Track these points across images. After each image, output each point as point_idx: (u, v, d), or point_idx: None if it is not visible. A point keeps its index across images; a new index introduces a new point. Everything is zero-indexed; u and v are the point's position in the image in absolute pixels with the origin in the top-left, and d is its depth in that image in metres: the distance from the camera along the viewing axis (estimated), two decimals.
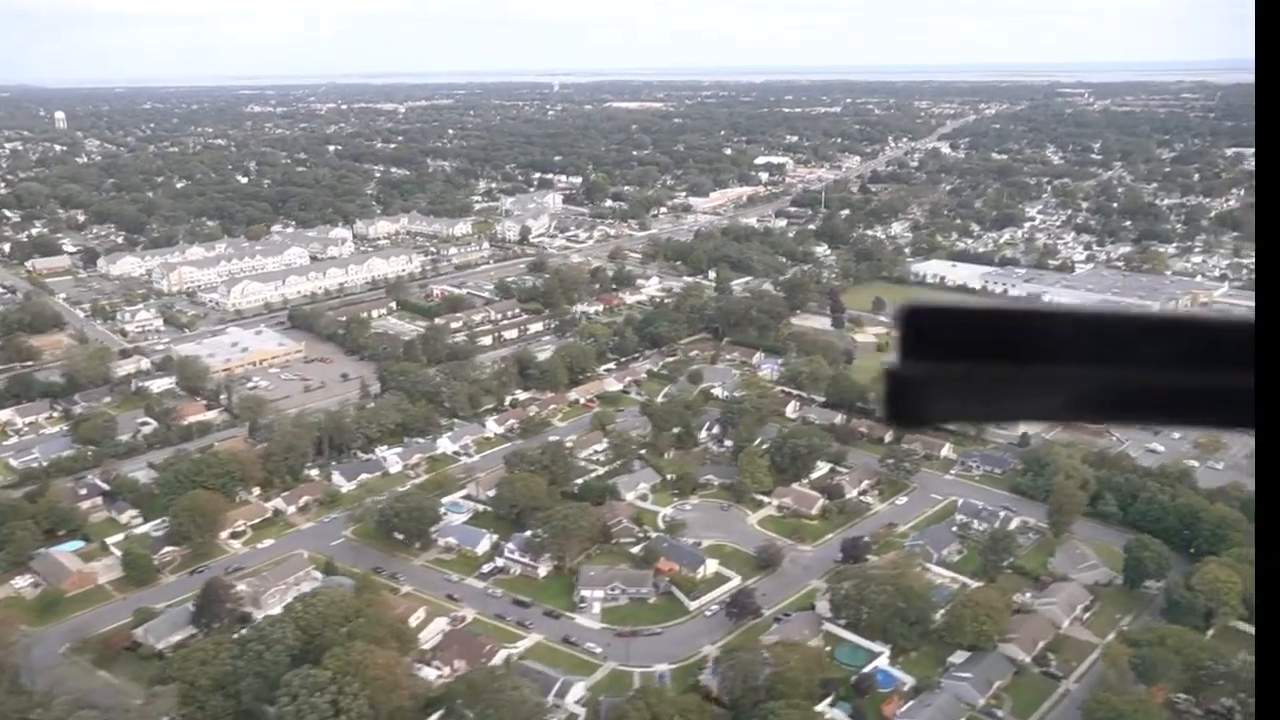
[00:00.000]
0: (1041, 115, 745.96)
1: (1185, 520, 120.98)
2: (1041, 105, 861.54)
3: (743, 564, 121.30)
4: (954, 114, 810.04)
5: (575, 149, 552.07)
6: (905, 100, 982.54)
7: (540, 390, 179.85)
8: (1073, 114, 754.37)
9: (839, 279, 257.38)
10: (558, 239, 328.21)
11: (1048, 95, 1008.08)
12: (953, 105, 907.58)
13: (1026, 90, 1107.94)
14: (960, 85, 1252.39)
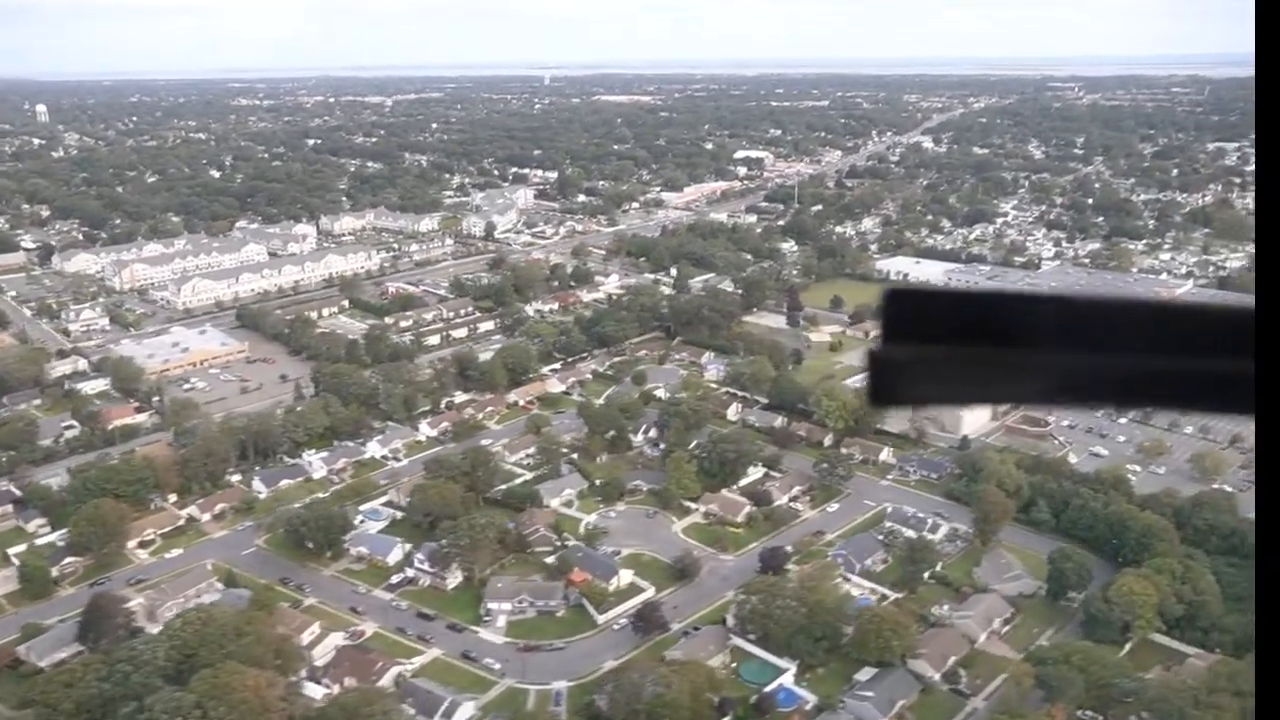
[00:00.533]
0: (1028, 110, 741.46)
1: (1114, 529, 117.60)
2: (1030, 99, 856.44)
3: (660, 574, 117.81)
4: (942, 108, 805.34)
5: (555, 143, 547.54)
6: (895, 94, 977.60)
7: (480, 392, 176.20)
8: (1060, 108, 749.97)
9: (800, 276, 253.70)
10: (523, 235, 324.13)
11: (1038, 89, 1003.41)
12: (942, 99, 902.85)
13: (1017, 84, 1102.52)
14: (951, 79, 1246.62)
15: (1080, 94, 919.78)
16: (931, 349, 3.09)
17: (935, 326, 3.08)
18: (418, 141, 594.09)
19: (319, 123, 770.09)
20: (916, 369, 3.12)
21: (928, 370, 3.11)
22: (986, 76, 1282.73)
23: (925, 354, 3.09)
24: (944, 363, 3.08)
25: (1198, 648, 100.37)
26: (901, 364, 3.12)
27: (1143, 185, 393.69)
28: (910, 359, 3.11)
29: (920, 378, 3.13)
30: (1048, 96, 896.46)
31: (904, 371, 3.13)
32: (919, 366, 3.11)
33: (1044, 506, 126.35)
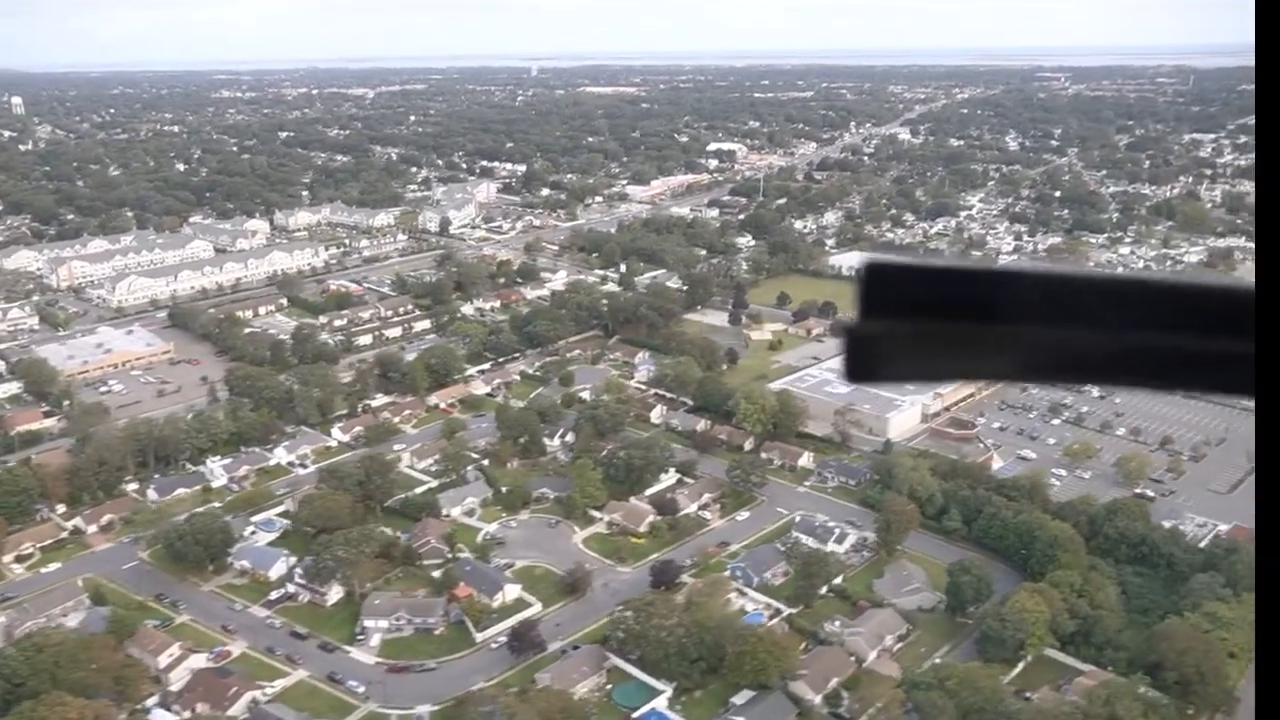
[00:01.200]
0: (1011, 100, 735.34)
1: (1022, 538, 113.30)
2: (1015, 90, 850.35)
3: (550, 588, 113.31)
4: (925, 99, 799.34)
5: (528, 136, 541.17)
6: (880, 85, 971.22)
7: (402, 394, 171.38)
8: (1044, 99, 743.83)
9: (752, 272, 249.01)
10: (479, 230, 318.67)
11: (1024, 80, 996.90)
12: (927, 90, 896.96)
13: (1005, 74, 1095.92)
14: (939, 69, 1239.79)
15: (1066, 84, 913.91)
16: (910, 324, 2.99)
17: (915, 300, 2.98)
18: (391, 134, 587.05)
19: (297, 115, 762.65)
20: (894, 344, 3.02)
21: (906, 345, 3.02)
22: (976, 67, 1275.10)
23: (903, 329, 3.00)
24: (923, 338, 2.99)
25: (1092, 664, 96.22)
26: (878, 339, 3.02)
27: (1113, 177, 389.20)
28: (888, 334, 3.01)
29: (898, 353, 3.03)
30: (1033, 87, 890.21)
31: (881, 347, 3.03)
32: (897, 342, 3.02)
33: (956, 514, 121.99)
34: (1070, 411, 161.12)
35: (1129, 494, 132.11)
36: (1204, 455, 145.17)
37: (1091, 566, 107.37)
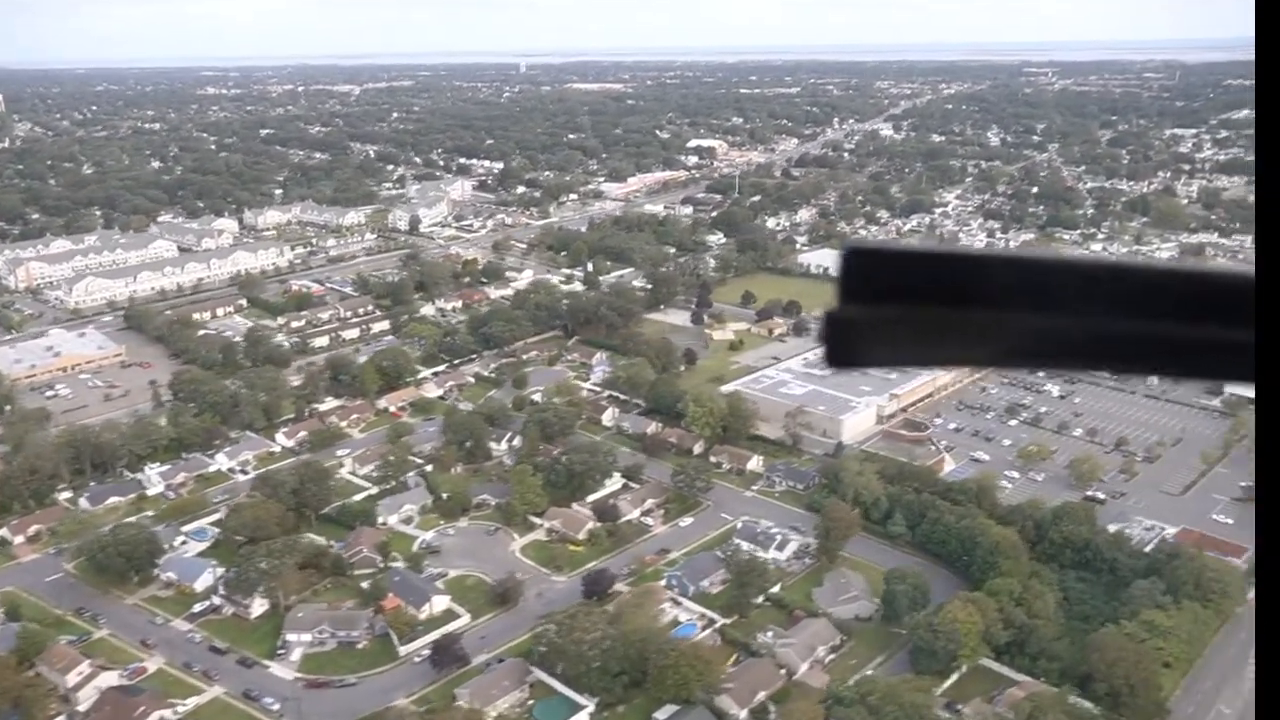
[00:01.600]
0: (997, 96, 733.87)
1: (965, 544, 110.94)
2: (1002, 85, 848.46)
3: (482, 598, 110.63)
4: (911, 94, 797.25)
5: (509, 133, 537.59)
6: (868, 81, 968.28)
7: (352, 398, 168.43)
8: (1029, 94, 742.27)
9: (720, 271, 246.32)
10: (449, 229, 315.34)
11: (1012, 75, 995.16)
12: (914, 85, 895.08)
13: (993, 70, 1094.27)
14: (928, 65, 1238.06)
15: (1052, 80, 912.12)
16: (890, 309, 2.99)
17: (895, 285, 2.98)
18: (371, 131, 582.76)
19: (280, 112, 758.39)
20: (874, 329, 3.02)
21: (886, 330, 3.02)
22: (965, 62, 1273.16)
23: (883, 314, 3.00)
24: (903, 323, 2.99)
25: (1026, 675, 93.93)
26: (858, 324, 3.03)
27: (1092, 173, 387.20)
28: (868, 319, 3.01)
29: (878, 338, 3.03)
30: (1020, 82, 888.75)
31: (861, 331, 3.03)
32: (877, 326, 3.02)
33: (900, 519, 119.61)
34: (1028, 412, 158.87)
35: (1080, 497, 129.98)
36: (1159, 456, 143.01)
37: (1033, 573, 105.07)
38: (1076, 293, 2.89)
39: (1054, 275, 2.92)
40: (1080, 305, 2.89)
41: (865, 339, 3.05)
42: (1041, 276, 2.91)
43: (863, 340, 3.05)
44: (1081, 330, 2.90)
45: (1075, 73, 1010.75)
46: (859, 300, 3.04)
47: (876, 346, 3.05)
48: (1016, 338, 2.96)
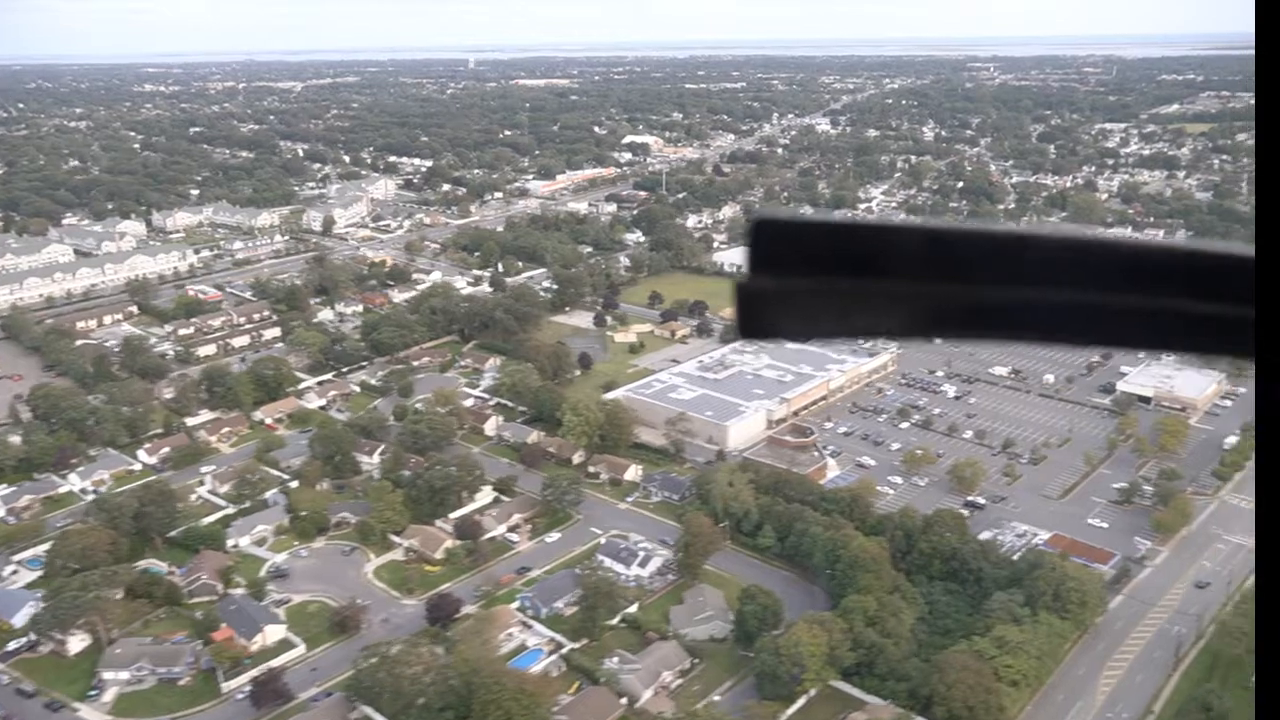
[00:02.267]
0: (937, 90, 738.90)
1: (828, 557, 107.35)
2: (944, 80, 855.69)
3: (322, 626, 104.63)
4: (855, 89, 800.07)
5: (444, 130, 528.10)
6: (814, 75, 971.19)
7: (228, 410, 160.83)
8: (970, 89, 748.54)
9: (630, 271, 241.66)
10: (365, 230, 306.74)
11: (955, 70, 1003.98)
12: (858, 80, 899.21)
13: (938, 65, 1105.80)
14: (875, 59, 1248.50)
15: (994, 74, 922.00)
16: (800, 280, 3.01)
17: (804, 256, 3.00)
18: (305, 129, 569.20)
19: (216, 109, 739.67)
20: (785, 300, 3.04)
21: (797, 301, 3.04)
22: (911, 57, 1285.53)
23: (794, 285, 3.02)
24: (815, 294, 3.02)
25: (876, 696, 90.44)
26: (769, 295, 3.04)
27: (1019, 167, 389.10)
28: (779, 290, 3.03)
29: (790, 309, 3.05)
30: (962, 77, 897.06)
31: (772, 302, 3.05)
32: (788, 298, 3.04)
33: (770, 532, 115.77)
34: (921, 414, 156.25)
35: (961, 503, 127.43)
36: (1044, 459, 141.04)
37: (895, 588, 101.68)
38: (982, 261, 2.91)
39: (959, 244, 2.94)
40: (986, 274, 2.91)
41: (776, 310, 3.05)
42: (948, 246, 2.94)
43: (774, 311, 3.05)
44: (988, 299, 2.92)
45: (1018, 68, 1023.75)
46: (769, 271, 3.03)
47: (788, 317, 3.06)
48: (925, 308, 2.97)
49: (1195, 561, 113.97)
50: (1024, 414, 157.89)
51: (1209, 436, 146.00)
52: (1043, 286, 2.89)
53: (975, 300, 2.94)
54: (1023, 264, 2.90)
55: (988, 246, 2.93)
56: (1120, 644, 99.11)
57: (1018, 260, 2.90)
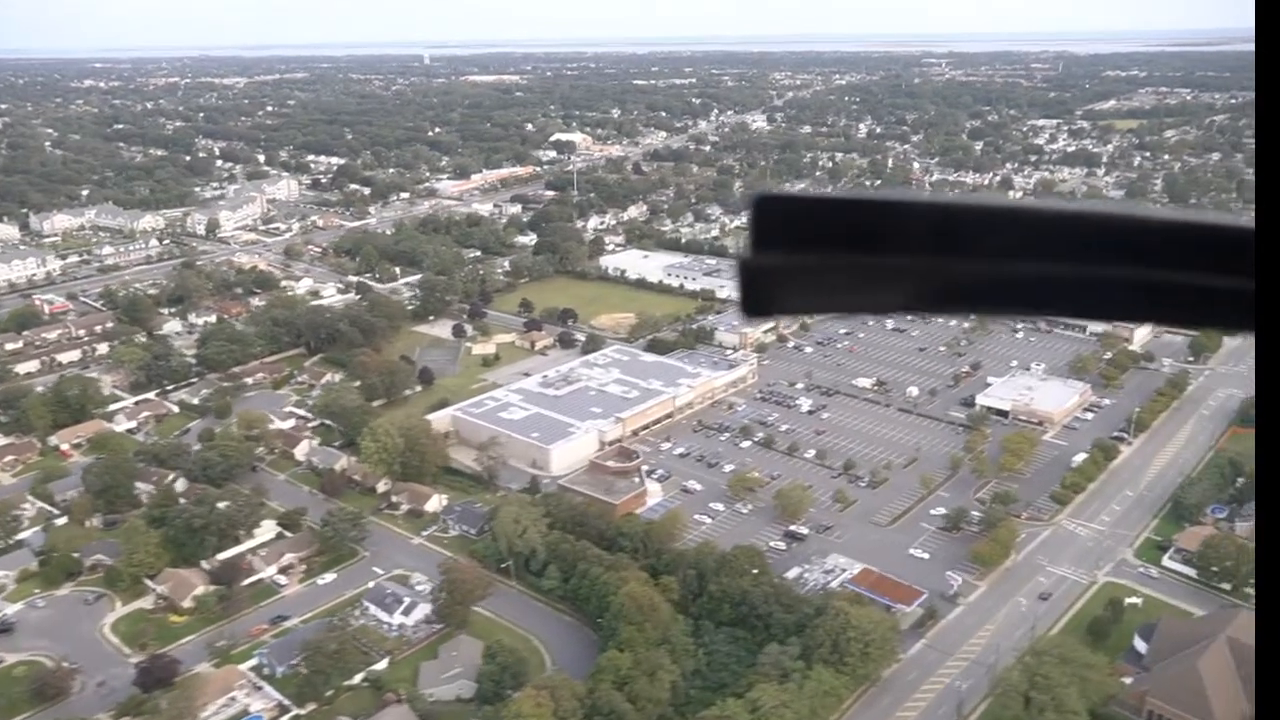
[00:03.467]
0: (883, 86, 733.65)
1: (602, 603, 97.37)
2: (894, 76, 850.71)
3: (25, 694, 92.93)
4: (802, 85, 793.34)
5: (373, 127, 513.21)
6: (766, 71, 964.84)
7: (23, 434, 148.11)
8: (917, 85, 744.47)
9: (509, 276, 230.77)
10: (251, 233, 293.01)
11: (908, 66, 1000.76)
12: (809, 76, 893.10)
13: (893, 60, 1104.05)
14: (833, 55, 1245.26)
15: (945, 70, 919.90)
16: (804, 256, 2.98)
17: (807, 232, 2.97)
18: (230, 127, 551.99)
19: (151, 105, 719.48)
20: (788, 277, 3.02)
21: (800, 278, 3.01)
22: (869, 53, 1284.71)
23: (797, 261, 2.99)
24: (818, 270, 3.00)
25: None
26: (772, 272, 3.01)
27: (943, 165, 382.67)
28: (783, 267, 3.00)
29: (793, 286, 3.03)
30: (913, 73, 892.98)
31: (775, 279, 3.02)
32: (791, 274, 3.02)
33: (555, 572, 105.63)
34: (769, 431, 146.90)
35: (780, 532, 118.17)
36: (884, 480, 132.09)
37: (663, 639, 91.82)
38: (986, 235, 2.89)
39: (962, 218, 2.91)
40: (990, 248, 2.89)
41: (779, 287, 3.03)
42: (951, 220, 2.91)
43: (777, 288, 3.04)
44: (992, 273, 2.91)
45: (971, 63, 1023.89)
46: (771, 248, 2.99)
47: (791, 294, 3.04)
48: (929, 283, 2.96)
49: (1011, 598, 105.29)
50: (877, 430, 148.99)
51: (1061, 454, 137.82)
52: (1046, 260, 2.85)
53: (979, 274, 2.91)
54: (1027, 237, 2.85)
55: (991, 219, 2.88)
56: (905, 701, 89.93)
57: (1022, 233, 2.85)
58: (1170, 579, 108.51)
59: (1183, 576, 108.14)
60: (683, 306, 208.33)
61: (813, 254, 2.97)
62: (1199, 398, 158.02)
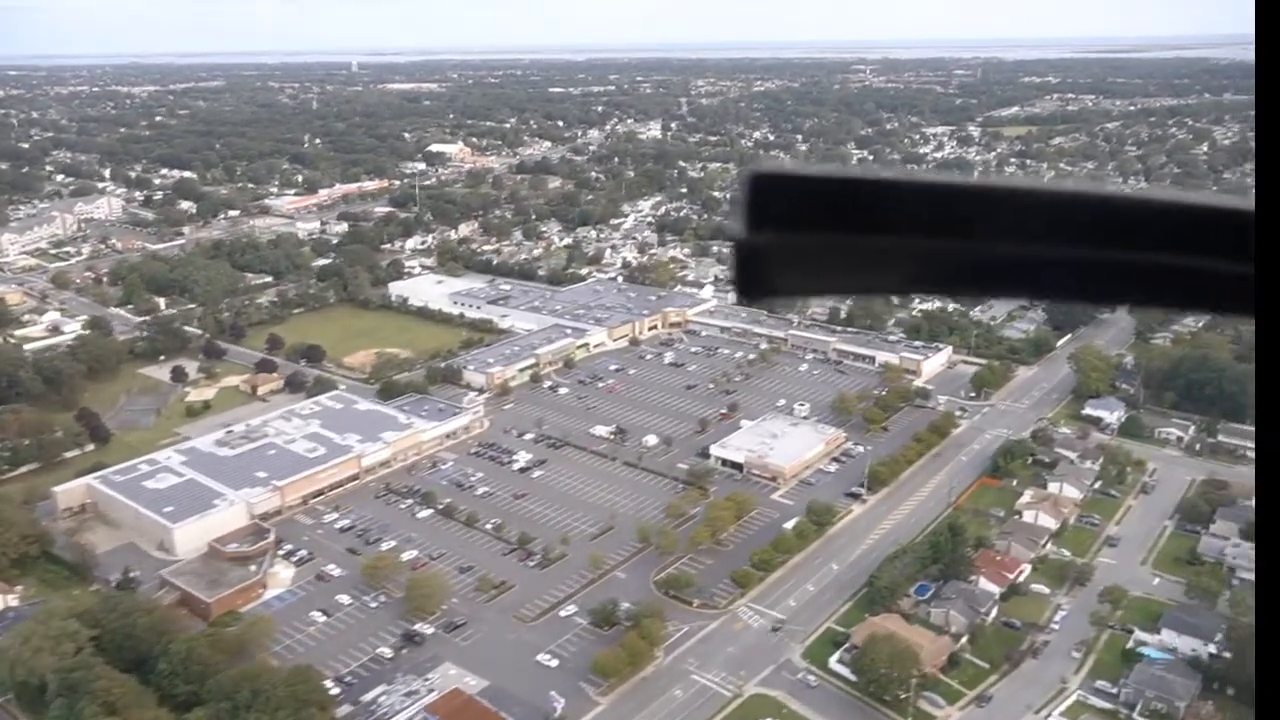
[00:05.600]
0: (795, 93, 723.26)
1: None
2: (815, 83, 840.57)
3: None
4: (717, 92, 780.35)
5: (242, 139, 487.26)
6: (690, 78, 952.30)
7: None
8: (837, 90, 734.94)
9: (278, 306, 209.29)
10: (33, 259, 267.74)
11: (833, 72, 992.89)
12: (730, 83, 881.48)
13: (823, 67, 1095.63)
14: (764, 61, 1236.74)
15: (868, 77, 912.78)
16: (801, 236, 2.91)
17: (804, 212, 2.90)
18: (92, 141, 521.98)
19: (36, 115, 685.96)
20: (784, 257, 2.93)
21: (796, 258, 2.94)
22: (802, 59, 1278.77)
23: (793, 241, 2.91)
24: (814, 251, 2.93)
25: None
26: (767, 252, 2.93)
27: None
28: (777, 246, 2.92)
29: (788, 267, 2.95)
30: (834, 80, 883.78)
31: (770, 260, 2.94)
32: (787, 254, 2.93)
33: (59, 708, 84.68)
34: (462, 494, 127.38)
35: (404, 630, 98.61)
36: (562, 557, 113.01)
37: None
38: (983, 216, 2.83)
39: (959, 199, 2.87)
40: (987, 229, 2.83)
41: (774, 268, 2.94)
42: (948, 200, 2.86)
43: (771, 269, 2.94)
44: (988, 255, 2.85)
45: (898, 70, 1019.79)
46: (765, 228, 2.90)
47: (786, 275, 2.95)
48: (929, 264, 2.90)
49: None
50: (586, 491, 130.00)
51: (781, 516, 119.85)
52: (1043, 242, 2.79)
53: (976, 256, 2.84)
54: (1023, 219, 2.80)
55: (987, 200, 2.83)
56: None
57: (1019, 215, 2.81)
58: (830, 686, 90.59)
59: (845, 683, 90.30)
60: (456, 338, 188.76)
61: (807, 234, 2.86)
62: (964, 441, 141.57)
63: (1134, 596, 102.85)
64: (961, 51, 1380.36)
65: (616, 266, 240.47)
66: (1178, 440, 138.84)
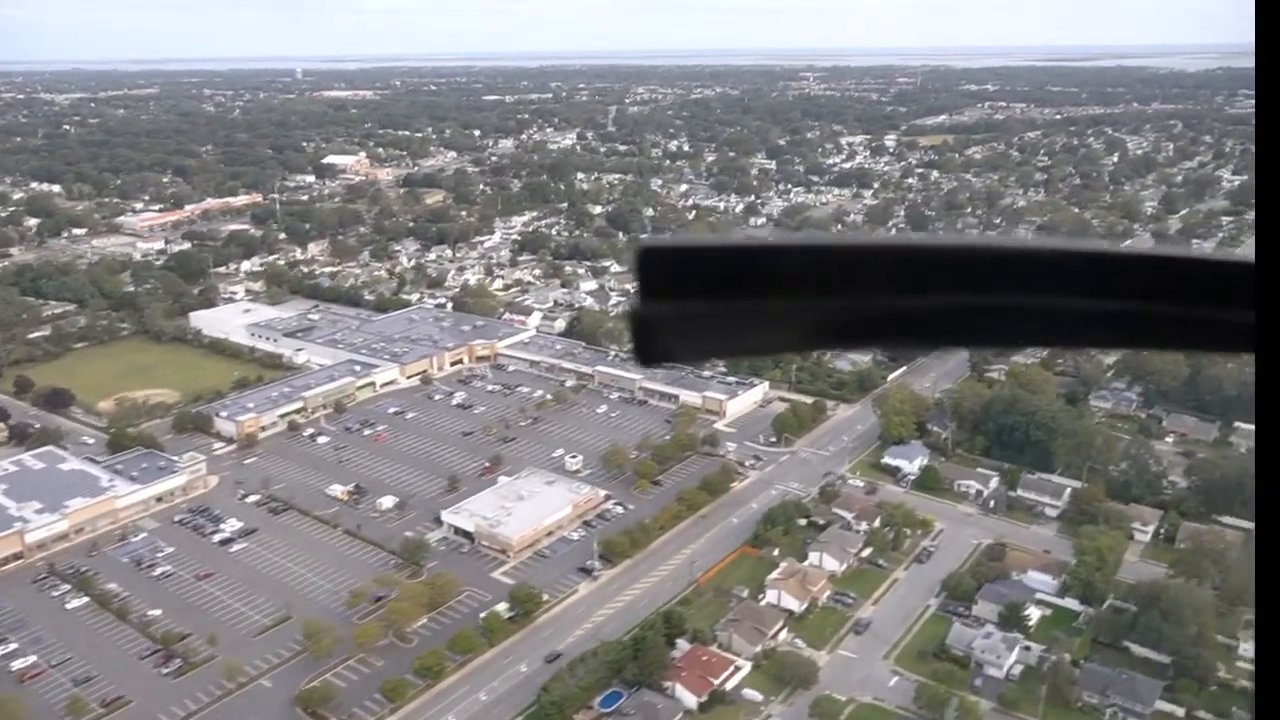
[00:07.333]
0: (725, 101, 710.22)
1: None
2: (753, 90, 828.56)
3: None
4: (653, 100, 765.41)
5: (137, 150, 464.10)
6: (631, 85, 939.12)
7: None
8: (771, 99, 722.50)
9: (54, 341, 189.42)
10: None
11: (775, 80, 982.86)
12: (670, 89, 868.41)
13: (770, 75, 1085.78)
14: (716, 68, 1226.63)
15: (810, 85, 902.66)
16: (692, 303, 3.00)
17: (693, 280, 3.00)
18: None
19: None
20: (678, 325, 3.04)
21: (691, 325, 3.03)
22: (751, 67, 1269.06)
23: (686, 309, 3.01)
24: (707, 316, 3.01)
25: None
26: (662, 321, 3.03)
27: (716, 189, 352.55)
28: (671, 315, 3.02)
29: (684, 333, 3.04)
30: (776, 88, 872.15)
31: (666, 328, 3.04)
32: (681, 322, 3.03)
33: None
34: (131, 576, 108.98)
35: None
36: (202, 662, 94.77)
37: None
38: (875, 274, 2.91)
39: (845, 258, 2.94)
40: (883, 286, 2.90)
41: (670, 335, 3.05)
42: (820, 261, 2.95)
43: (668, 336, 3.04)
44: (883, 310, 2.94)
45: (844, 77, 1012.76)
46: (659, 297, 3.01)
47: (683, 341, 3.06)
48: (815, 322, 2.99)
49: None
50: (287, 568, 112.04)
51: (494, 599, 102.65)
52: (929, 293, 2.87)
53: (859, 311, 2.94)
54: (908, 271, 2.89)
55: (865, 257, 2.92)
56: None
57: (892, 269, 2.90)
58: None
59: None
60: (244, 374, 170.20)
61: (700, 301, 2.96)
62: (743, 498, 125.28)
63: (860, 705, 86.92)
64: (914, 59, 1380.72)
65: (455, 290, 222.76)
66: (976, 494, 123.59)
